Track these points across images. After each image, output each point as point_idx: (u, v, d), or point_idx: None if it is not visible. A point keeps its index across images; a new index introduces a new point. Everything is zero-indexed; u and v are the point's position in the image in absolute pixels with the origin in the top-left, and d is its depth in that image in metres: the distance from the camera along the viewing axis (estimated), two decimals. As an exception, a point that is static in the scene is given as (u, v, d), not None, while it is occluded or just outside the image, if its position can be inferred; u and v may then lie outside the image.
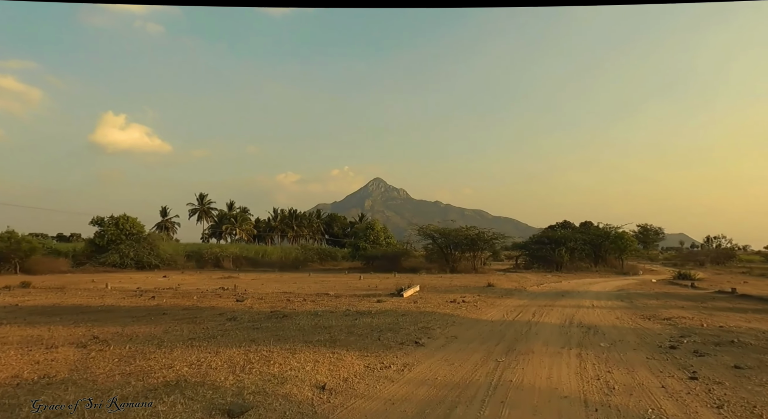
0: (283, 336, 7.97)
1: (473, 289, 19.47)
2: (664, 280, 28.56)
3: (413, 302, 13.81)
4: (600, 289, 21.73)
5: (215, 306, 13.00)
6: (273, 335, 8.03)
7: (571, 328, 9.55)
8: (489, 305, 13.67)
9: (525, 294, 18.02)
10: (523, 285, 23.35)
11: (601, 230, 45.08)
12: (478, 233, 39.32)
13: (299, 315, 10.87)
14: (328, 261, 55.51)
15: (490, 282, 21.97)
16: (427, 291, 18.09)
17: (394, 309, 12.03)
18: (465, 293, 17.24)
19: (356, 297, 15.74)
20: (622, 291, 19.87)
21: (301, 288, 19.96)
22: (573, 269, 40.36)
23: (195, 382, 5.06)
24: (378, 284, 22.82)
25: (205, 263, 47.72)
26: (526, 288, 21.52)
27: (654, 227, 71.49)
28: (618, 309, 13.16)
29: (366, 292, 17.60)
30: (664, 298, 16.57)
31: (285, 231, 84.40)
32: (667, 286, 23.89)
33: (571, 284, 25.19)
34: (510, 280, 27.45)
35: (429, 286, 20.78)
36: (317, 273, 39.40)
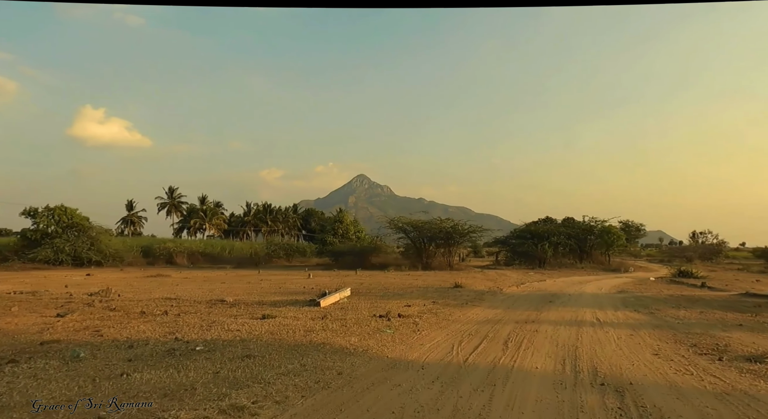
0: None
1: (432, 292, 14.25)
2: (664, 279, 23.72)
3: (321, 317, 8.48)
4: (595, 290, 16.71)
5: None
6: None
7: (583, 394, 4.29)
8: (437, 323, 8.37)
9: (499, 300, 12.82)
10: (499, 285, 18.20)
11: (585, 224, 40.32)
12: (454, 225, 34.15)
13: (50, 356, 5.45)
14: (295, 257, 50.05)
15: (458, 282, 16.74)
16: (364, 296, 12.74)
17: (260, 336, 6.69)
18: (416, 299, 11.97)
19: (255, 305, 10.40)
20: (625, 294, 14.82)
21: (213, 292, 14.50)
22: (557, 265, 35.53)
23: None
24: (324, 284, 17.49)
25: (157, 259, 42.25)
26: (502, 289, 16.37)
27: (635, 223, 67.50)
28: (642, 329, 7.97)
29: (284, 297, 12.25)
30: (688, 305, 11.52)
31: (258, 226, 78.34)
32: (672, 286, 18.97)
33: (557, 283, 20.14)
34: (486, 279, 22.32)
35: (377, 288, 15.51)
36: (276, 270, 34.13)
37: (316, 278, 22.22)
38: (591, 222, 40.23)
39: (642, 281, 21.96)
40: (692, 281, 21.26)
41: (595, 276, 27.09)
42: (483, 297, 13.33)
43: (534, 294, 14.72)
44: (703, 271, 27.30)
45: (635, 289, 17.11)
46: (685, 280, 21.77)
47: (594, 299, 13.46)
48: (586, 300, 12.99)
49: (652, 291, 16.38)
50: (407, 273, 28.06)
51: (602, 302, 12.49)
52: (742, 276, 25.76)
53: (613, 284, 20.05)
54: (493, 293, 14.79)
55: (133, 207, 77.04)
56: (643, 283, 20.41)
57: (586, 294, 15.00)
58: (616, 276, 26.21)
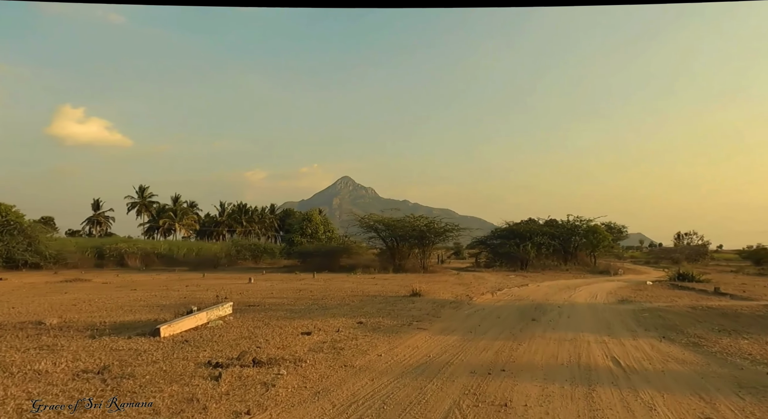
0: None
1: (375, 305, 10.14)
2: (663, 283, 19.99)
3: (98, 372, 4.35)
4: (589, 298, 12.81)
5: None
6: None
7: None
8: (318, 380, 4.20)
9: (462, 317, 8.75)
10: (471, 291, 14.19)
11: (570, 224, 36.69)
12: (428, 223, 30.15)
13: None
14: (264, 259, 45.62)
15: (417, 290, 12.63)
16: (264, 312, 8.48)
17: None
18: (336, 318, 7.85)
19: (59, 334, 6.22)
20: (631, 306, 10.92)
21: (76, 306, 10.24)
22: (540, 267, 31.82)
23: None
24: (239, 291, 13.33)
25: (107, 261, 37.67)
26: (473, 297, 12.35)
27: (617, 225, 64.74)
28: (715, 395, 3.96)
29: (137, 317, 8.05)
30: (736, 327, 7.65)
31: (233, 227, 73.45)
32: (680, 293, 15.22)
33: (542, 289, 16.24)
34: (458, 283, 18.36)
35: (304, 299, 11.38)
36: (232, 272, 29.99)
37: (258, 282, 18.03)
38: (576, 222, 36.65)
39: (639, 285, 18.22)
40: (699, 285, 17.59)
41: (583, 279, 23.35)
42: (441, 311, 9.27)
43: (512, 306, 10.72)
44: (699, 274, 23.69)
45: (638, 297, 13.27)
46: (690, 285, 18.09)
47: (593, 314, 9.52)
48: (582, 317, 9.04)
49: (662, 299, 12.54)
50: (372, 276, 24.06)
51: (607, 320, 8.54)
52: (747, 280, 22.26)
53: (606, 289, 16.26)
54: (458, 304, 10.75)
55: (99, 206, 71.57)
56: (642, 289, 16.64)
57: (580, 306, 11.07)
58: (606, 280, 22.49)
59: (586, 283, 19.66)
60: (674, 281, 20.05)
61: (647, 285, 18.77)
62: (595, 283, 19.71)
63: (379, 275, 25.23)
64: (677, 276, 20.58)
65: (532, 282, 19.62)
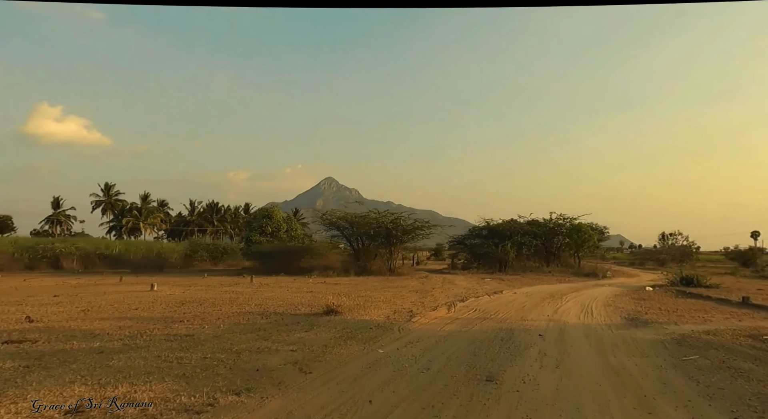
0: None
1: (239, 333, 5.94)
2: (664, 288, 16.14)
3: None
4: (583, 316, 8.80)
5: None
6: None
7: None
8: None
9: (347, 376, 4.54)
10: (422, 304, 10.07)
11: (553, 222, 32.88)
12: (394, 220, 26.00)
13: None
14: (225, 260, 40.89)
15: (333, 306, 8.40)
16: None
17: None
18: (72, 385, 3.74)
19: None
20: (651, 331, 6.91)
21: None
22: (521, 269, 27.98)
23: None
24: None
25: (39, 263, 32.60)
26: (414, 316, 8.21)
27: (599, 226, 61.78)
28: None
29: None
30: None
31: (203, 226, 68.29)
32: (696, 303, 11.34)
33: (519, 298, 12.19)
34: (416, 290, 14.21)
35: (108, 331, 7.15)
36: (178, 275, 25.38)
37: (160, 290, 13.65)
38: (559, 220, 32.89)
39: (638, 293, 14.35)
40: (710, 292, 13.76)
41: (568, 283, 19.45)
42: (331, 353, 5.12)
43: (464, 337, 6.59)
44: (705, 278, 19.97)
45: (650, 312, 9.31)
46: (699, 291, 14.26)
47: (599, 356, 5.42)
48: (582, 366, 4.97)
49: (686, 317, 8.57)
50: (323, 280, 19.90)
51: (631, 375, 4.46)
52: (755, 284, 18.65)
53: (601, 298, 12.33)
54: (381, 332, 6.59)
55: (60, 205, 65.76)
56: (645, 298, 12.74)
57: (574, 333, 6.99)
58: (596, 284, 18.61)
59: (573, 289, 15.73)
60: (677, 285, 16.29)
61: (648, 291, 14.94)
62: (584, 289, 15.81)
63: (335, 279, 21.09)
64: (681, 280, 16.79)
65: (508, 288, 15.63)
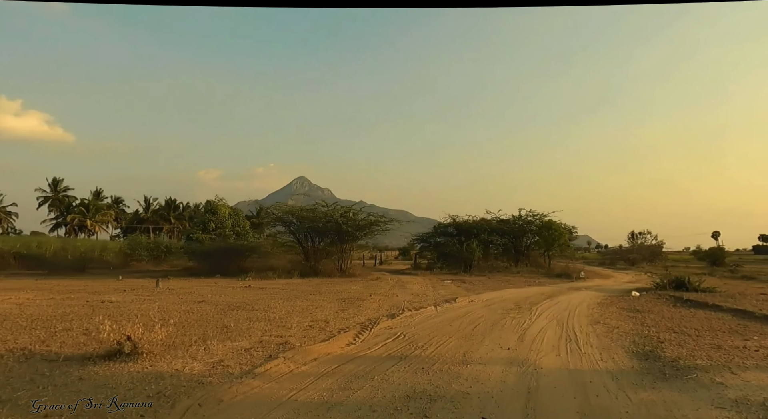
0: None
1: None
2: (652, 293, 13.15)
3: None
4: (566, 349, 5.45)
5: None
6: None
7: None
8: None
9: None
10: (342, 317, 6.56)
11: (522, 219, 30.00)
12: (344, 214, 22.39)
13: None
14: (168, 259, 36.10)
15: (129, 342, 4.78)
16: None
17: None
18: None
19: None
20: (695, 397, 3.66)
21: None
22: (488, 269, 24.96)
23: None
24: None
25: (-64, 264, 27.38)
26: (299, 349, 4.73)
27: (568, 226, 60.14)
28: None
29: None
30: None
31: (159, 224, 62.73)
32: (704, 316, 8.29)
33: (476, 310, 8.82)
34: (346, 299, 10.67)
35: None
36: (105, 277, 20.93)
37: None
38: (528, 217, 30.08)
39: (626, 300, 11.26)
40: (711, 299, 10.80)
41: (538, 286, 16.32)
42: None
43: None
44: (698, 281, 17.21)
45: (667, 342, 6.08)
46: (696, 297, 11.28)
47: None
48: None
49: (731, 349, 5.36)
50: (248, 284, 16.13)
51: None
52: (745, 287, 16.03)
53: (582, 309, 9.13)
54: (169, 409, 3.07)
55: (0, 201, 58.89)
56: (640, 309, 9.60)
57: (553, 404, 3.59)
58: (571, 288, 15.52)
59: (545, 295, 12.51)
60: (667, 290, 13.35)
61: (636, 297, 11.88)
62: (558, 295, 12.64)
63: (271, 281, 17.46)
64: (672, 283, 13.85)
65: (468, 294, 12.29)
